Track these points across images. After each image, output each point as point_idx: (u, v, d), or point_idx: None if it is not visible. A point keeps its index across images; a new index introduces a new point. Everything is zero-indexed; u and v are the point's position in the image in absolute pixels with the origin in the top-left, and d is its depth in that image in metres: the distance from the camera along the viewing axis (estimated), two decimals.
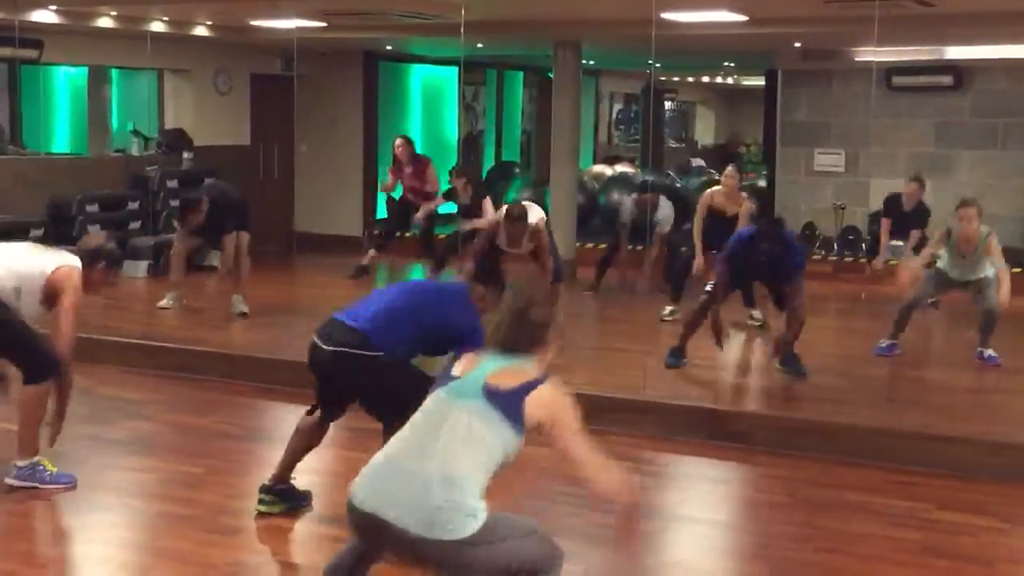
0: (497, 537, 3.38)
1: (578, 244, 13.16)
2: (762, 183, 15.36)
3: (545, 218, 8.83)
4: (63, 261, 5.52)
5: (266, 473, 6.14)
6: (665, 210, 10.95)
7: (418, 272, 11.90)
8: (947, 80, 13.38)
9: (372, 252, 11.96)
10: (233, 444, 6.57)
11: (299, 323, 9.63)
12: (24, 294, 5.45)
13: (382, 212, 15.36)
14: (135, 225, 12.57)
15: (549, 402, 3.48)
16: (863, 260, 11.52)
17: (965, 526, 5.38)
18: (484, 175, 17.15)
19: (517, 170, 17.39)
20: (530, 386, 3.47)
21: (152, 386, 7.85)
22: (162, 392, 7.71)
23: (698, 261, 9.33)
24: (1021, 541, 5.38)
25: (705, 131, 25.25)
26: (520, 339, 3.58)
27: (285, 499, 5.25)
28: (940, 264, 8.32)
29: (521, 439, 3.47)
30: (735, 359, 8.81)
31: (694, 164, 20.55)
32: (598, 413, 6.89)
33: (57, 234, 11.74)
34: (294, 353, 8.29)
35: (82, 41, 12.50)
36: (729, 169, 9.78)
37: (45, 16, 11.20)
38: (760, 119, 15.83)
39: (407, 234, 12.48)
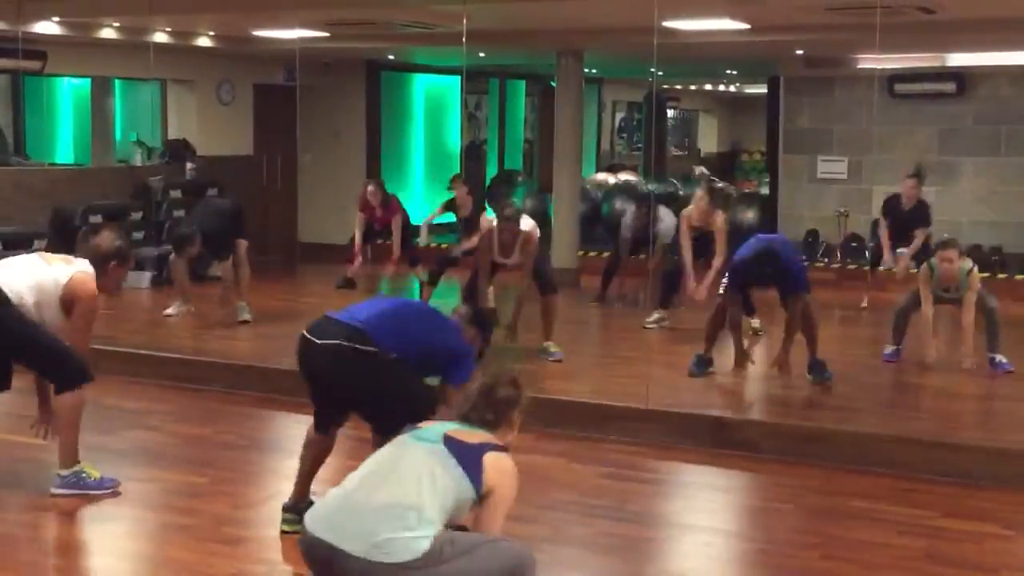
0: (445, 558, 3.36)
1: (581, 252, 13.16)
2: (765, 191, 15.36)
3: (537, 231, 8.76)
4: (75, 268, 5.56)
5: (269, 483, 6.14)
6: (666, 221, 10.87)
7: (416, 285, 11.87)
8: (949, 87, 13.38)
9: (357, 262, 11.83)
10: (237, 454, 6.57)
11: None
12: (44, 307, 5.50)
13: None
14: (138, 235, 12.58)
15: (506, 471, 3.55)
16: (866, 268, 11.51)
17: (970, 533, 5.37)
18: (487, 184, 17.16)
19: (520, 179, 17.40)
20: (491, 447, 3.55)
21: (155, 396, 7.85)
22: (165, 402, 7.71)
23: (690, 285, 9.38)
24: None
25: (708, 139, 25.25)
26: (485, 414, 3.68)
27: None
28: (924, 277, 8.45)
29: (475, 495, 3.50)
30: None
31: (697, 172, 20.56)
32: (601, 422, 6.92)
33: (60, 245, 11.77)
34: (296, 362, 8.31)
35: (85, 52, 12.53)
36: (698, 192, 9.85)
37: (48, 28, 11.23)
38: (763, 126, 15.84)
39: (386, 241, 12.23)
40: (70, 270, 5.56)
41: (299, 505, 5.07)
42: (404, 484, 3.44)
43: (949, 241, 8.32)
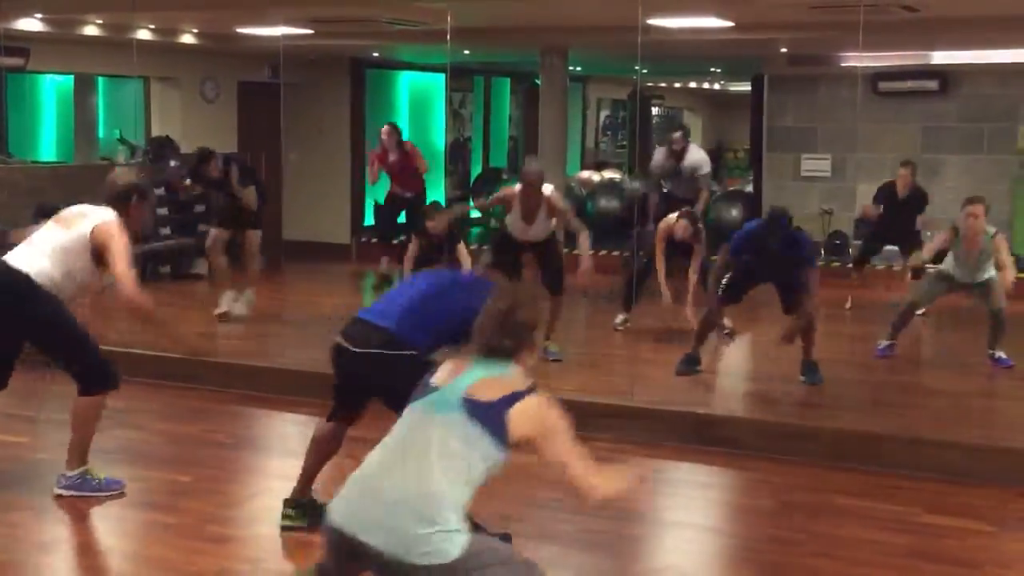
0: (479, 565, 3.18)
1: (565, 250, 13.14)
2: (749, 188, 15.40)
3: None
4: (97, 218, 5.42)
5: (254, 482, 6.15)
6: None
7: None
8: (933, 85, 13.44)
9: (385, 260, 11.78)
10: (222, 452, 6.56)
11: (288, 331, 9.65)
12: (76, 272, 5.40)
13: (370, 220, 15.38)
14: None
15: (536, 415, 3.29)
16: (849, 266, 11.54)
17: (953, 530, 5.39)
18: (471, 182, 17.17)
19: (504, 176, 17.39)
20: (513, 398, 3.28)
21: (140, 394, 7.81)
22: (150, 400, 7.69)
23: (665, 295, 9.09)
24: (1008, 545, 5.39)
25: (692, 137, 25.25)
26: (503, 341, 3.40)
27: (308, 512, 5.05)
28: (944, 265, 8.37)
29: (505, 454, 3.28)
30: (724, 364, 8.82)
31: None
32: (586, 419, 6.87)
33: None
34: (283, 361, 8.32)
35: (68, 49, 12.47)
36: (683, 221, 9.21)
37: (31, 24, 11.17)
38: (747, 124, 15.87)
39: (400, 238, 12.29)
40: (91, 222, 5.40)
41: (301, 500, 5.07)
42: (427, 468, 3.20)
43: (976, 198, 8.11)
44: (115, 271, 5.39)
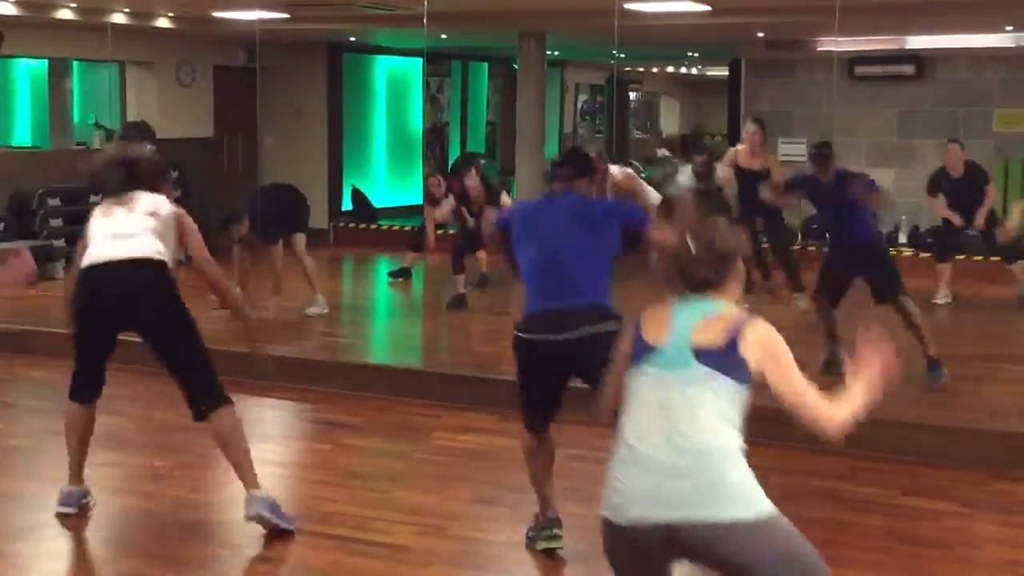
0: (785, 527, 3.11)
1: None
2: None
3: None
4: (162, 200, 5.10)
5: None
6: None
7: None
8: (909, 69, 13.48)
9: (411, 253, 11.70)
10: (199, 438, 6.50)
11: (264, 315, 9.61)
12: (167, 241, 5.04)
13: (347, 204, 15.36)
14: None
15: (763, 342, 3.15)
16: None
17: (928, 511, 5.43)
18: (449, 166, 17.13)
19: (483, 161, 17.37)
20: (736, 330, 3.11)
21: (117, 380, 7.71)
22: (127, 386, 7.63)
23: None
24: (981, 525, 5.43)
25: (670, 121, 25.31)
26: (707, 274, 3.17)
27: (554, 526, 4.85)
28: None
29: (749, 387, 3.16)
30: None
31: (659, 154, 20.64)
32: (567, 402, 6.92)
33: (18, 228, 11.67)
34: (258, 345, 8.27)
35: (42, 33, 12.39)
36: (751, 125, 9.79)
37: (4, 8, 11.09)
38: (724, 109, 15.89)
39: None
40: (161, 202, 5.06)
41: (551, 518, 4.86)
42: (696, 427, 3.04)
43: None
44: (209, 266, 5.16)
